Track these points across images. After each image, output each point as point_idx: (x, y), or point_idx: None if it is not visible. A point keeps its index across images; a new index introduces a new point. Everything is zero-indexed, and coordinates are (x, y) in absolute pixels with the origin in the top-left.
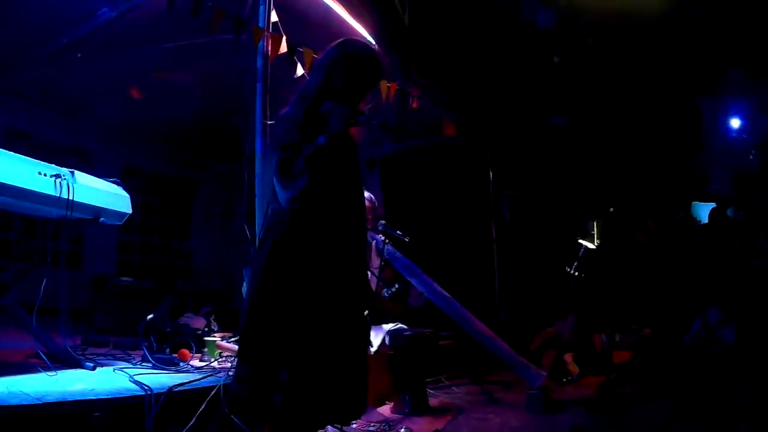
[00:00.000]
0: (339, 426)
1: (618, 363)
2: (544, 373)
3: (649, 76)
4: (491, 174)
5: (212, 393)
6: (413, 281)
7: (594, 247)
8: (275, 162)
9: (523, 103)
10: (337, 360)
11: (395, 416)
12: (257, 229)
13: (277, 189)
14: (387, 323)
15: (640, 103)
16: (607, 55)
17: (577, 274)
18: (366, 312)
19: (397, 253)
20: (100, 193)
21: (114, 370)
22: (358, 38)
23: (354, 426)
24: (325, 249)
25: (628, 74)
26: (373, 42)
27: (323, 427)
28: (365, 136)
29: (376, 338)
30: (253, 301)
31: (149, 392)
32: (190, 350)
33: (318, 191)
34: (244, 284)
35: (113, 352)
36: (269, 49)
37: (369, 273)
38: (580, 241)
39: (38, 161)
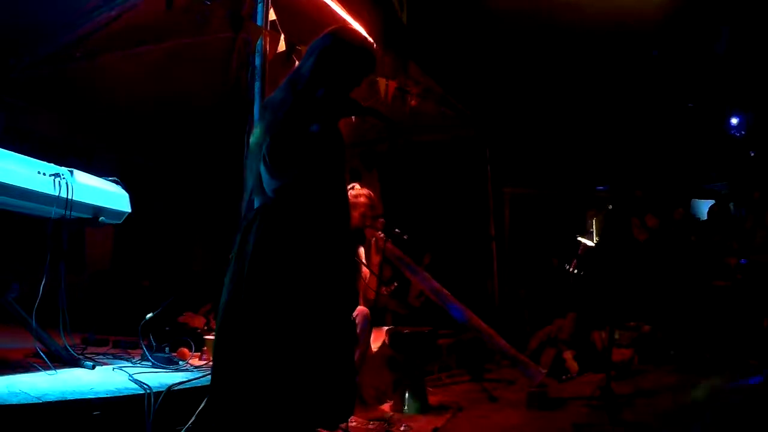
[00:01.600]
0: (344, 427)
1: (617, 360)
2: (544, 371)
3: (649, 73)
4: (490, 171)
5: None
6: (412, 279)
7: (593, 244)
8: (266, 149)
9: (522, 101)
10: (324, 361)
11: (395, 414)
12: None
13: (265, 177)
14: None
15: (640, 100)
16: (606, 51)
17: (576, 271)
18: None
19: (397, 251)
20: (100, 192)
21: (113, 369)
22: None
23: (353, 425)
24: (313, 241)
25: (628, 71)
26: (371, 39)
27: (310, 430)
28: (358, 129)
29: (376, 338)
30: (236, 296)
31: (149, 391)
32: (190, 349)
33: (308, 181)
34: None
35: (112, 351)
36: (267, 47)
37: (369, 270)
38: (579, 238)
39: (37, 160)
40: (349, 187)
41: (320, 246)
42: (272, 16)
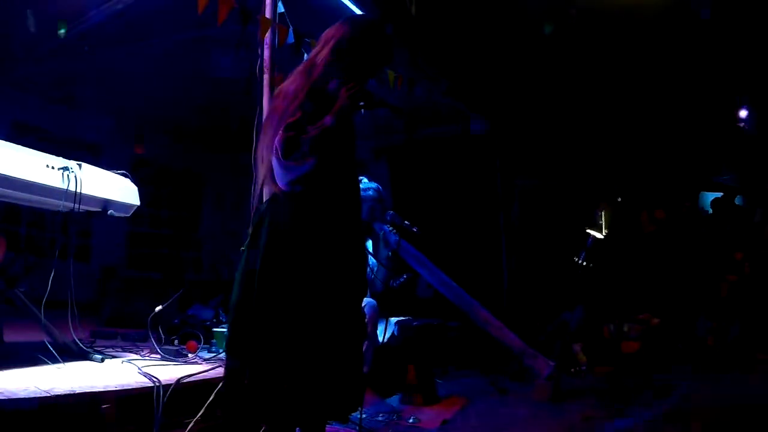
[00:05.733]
0: (357, 421)
1: (626, 353)
2: (553, 363)
3: (659, 65)
4: (499, 164)
5: (221, 384)
6: (421, 272)
7: (602, 236)
8: (278, 142)
9: (532, 93)
10: (334, 353)
11: (404, 407)
12: None
13: (278, 170)
14: (396, 316)
15: (650, 92)
16: (616, 43)
17: (585, 264)
18: (362, 303)
19: (406, 244)
20: (108, 185)
21: (122, 362)
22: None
23: (363, 417)
24: (325, 235)
25: (637, 63)
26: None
27: (321, 423)
28: (371, 122)
29: (385, 330)
30: (249, 289)
31: (157, 384)
32: (199, 342)
33: (322, 175)
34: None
35: (121, 344)
36: (276, 40)
37: (377, 263)
38: (588, 230)
39: (46, 154)
40: None
41: (332, 239)
42: (281, 8)
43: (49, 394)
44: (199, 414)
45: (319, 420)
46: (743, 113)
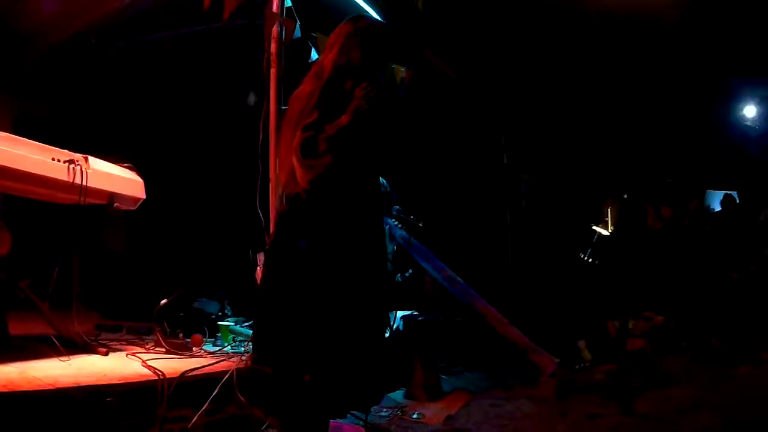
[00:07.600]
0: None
1: (631, 350)
2: (557, 360)
3: (666, 62)
4: (506, 160)
5: (225, 378)
6: (427, 267)
7: (608, 233)
8: (297, 143)
9: (540, 89)
10: (358, 345)
11: (408, 402)
12: (270, 213)
13: (298, 170)
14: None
15: (657, 90)
16: (623, 40)
17: (591, 260)
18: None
19: (411, 238)
20: (114, 178)
21: (127, 355)
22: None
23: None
24: (347, 232)
25: (645, 60)
26: (387, 24)
27: (344, 415)
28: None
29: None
30: (272, 287)
31: (162, 377)
32: (204, 335)
33: (341, 172)
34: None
35: (126, 337)
36: (283, 34)
37: None
38: (594, 227)
39: (52, 147)
40: None
41: (354, 236)
42: (288, 2)
43: (53, 387)
44: (204, 408)
45: (342, 411)
46: (750, 111)
